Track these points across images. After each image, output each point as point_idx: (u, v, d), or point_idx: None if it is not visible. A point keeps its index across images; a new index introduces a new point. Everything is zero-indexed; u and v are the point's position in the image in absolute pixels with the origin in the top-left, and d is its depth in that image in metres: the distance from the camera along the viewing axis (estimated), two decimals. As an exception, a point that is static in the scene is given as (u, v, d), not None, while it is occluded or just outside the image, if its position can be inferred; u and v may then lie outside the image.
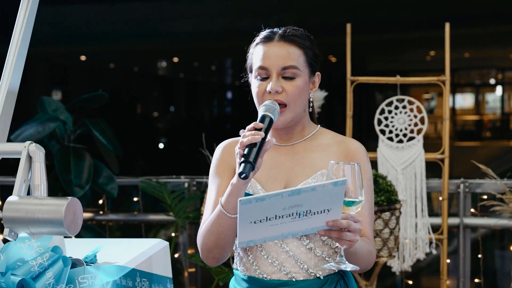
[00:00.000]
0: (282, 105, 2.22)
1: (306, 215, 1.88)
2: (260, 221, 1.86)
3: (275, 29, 2.29)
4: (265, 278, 2.23)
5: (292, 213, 1.87)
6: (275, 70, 2.22)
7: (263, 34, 2.30)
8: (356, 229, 1.96)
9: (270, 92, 2.21)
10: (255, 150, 2.02)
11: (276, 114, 2.16)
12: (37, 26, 2.18)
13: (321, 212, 1.89)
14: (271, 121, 2.12)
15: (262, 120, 2.11)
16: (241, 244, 1.92)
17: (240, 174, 2.00)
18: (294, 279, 2.21)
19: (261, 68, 2.24)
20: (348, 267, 2.03)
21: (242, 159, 2.01)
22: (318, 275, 2.22)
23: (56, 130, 4.77)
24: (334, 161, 1.99)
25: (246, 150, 2.03)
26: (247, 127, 2.09)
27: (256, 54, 2.27)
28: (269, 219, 1.86)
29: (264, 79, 2.24)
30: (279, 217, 1.86)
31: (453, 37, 4.46)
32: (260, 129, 2.08)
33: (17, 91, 2.11)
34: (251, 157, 2.01)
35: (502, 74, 17.76)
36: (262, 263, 2.24)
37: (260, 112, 2.15)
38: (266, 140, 2.07)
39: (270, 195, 1.82)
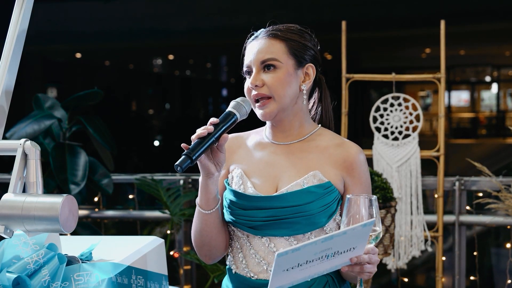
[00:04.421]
0: (266, 98, 2.22)
1: (334, 255, 1.91)
2: (292, 268, 1.87)
3: (265, 29, 2.30)
4: (252, 277, 2.24)
5: (322, 256, 1.89)
6: (255, 65, 2.23)
7: (253, 34, 2.31)
8: (376, 261, 2.00)
9: (251, 87, 2.22)
10: (202, 145, 2.05)
11: (242, 112, 2.17)
12: (32, 23, 2.17)
13: (347, 251, 1.92)
14: (234, 118, 2.14)
15: (225, 116, 2.13)
16: None
17: (176, 165, 2.02)
18: None
19: (246, 66, 2.26)
20: None
21: (185, 151, 2.03)
22: None
23: (51, 127, 4.76)
24: (350, 195, 1.99)
25: (194, 143, 2.05)
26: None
27: (245, 54, 2.30)
28: (300, 265, 1.88)
29: (250, 75, 2.25)
30: (310, 261, 1.88)
31: (448, 35, 4.46)
32: (217, 124, 2.09)
33: (12, 90, 2.11)
34: (194, 152, 2.03)
35: (497, 71, 17.79)
36: (250, 262, 2.25)
37: (228, 107, 2.17)
38: (222, 135, 2.10)
39: (305, 245, 1.83)
